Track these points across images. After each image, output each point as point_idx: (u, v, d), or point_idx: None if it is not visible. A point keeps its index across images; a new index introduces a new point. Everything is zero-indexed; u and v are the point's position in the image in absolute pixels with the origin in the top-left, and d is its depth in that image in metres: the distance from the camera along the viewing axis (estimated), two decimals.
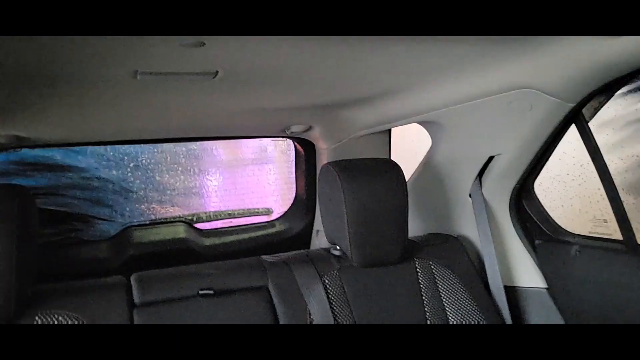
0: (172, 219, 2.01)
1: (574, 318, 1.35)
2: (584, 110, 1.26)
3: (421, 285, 1.37)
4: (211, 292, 1.23)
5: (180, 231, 1.93)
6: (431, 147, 1.69)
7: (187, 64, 1.07)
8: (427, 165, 1.73)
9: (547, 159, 1.40)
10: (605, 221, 1.33)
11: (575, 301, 1.31)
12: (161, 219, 2.02)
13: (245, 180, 2.33)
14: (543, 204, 1.49)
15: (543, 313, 1.41)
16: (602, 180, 1.25)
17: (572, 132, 1.32)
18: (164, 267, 1.31)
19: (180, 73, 1.12)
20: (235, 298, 1.25)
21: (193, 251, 1.88)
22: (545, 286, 1.40)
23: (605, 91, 1.18)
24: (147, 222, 1.99)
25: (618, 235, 1.25)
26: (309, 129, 1.80)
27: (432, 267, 1.40)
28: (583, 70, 1.08)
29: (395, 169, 1.39)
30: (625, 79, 1.13)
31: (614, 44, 0.97)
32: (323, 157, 1.92)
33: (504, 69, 1.21)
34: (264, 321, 1.24)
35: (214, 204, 2.19)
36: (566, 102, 1.18)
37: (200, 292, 1.22)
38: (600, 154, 1.25)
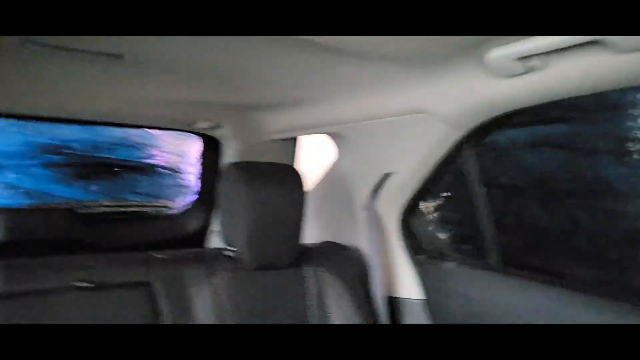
0: (54, 206, 1.84)
1: None
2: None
3: (307, 291, 1.40)
4: (90, 285, 1.15)
5: (62, 218, 1.78)
6: (335, 159, 1.75)
7: (89, 42, 1.01)
8: (329, 175, 1.78)
9: (436, 182, 1.51)
10: None
11: (446, 313, 1.42)
12: (41, 204, 1.84)
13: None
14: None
15: (417, 323, 1.51)
16: (478, 207, 1.38)
17: None
18: (39, 256, 1.20)
19: (77, 50, 1.05)
20: (115, 293, 1.18)
21: (77, 242, 1.75)
22: (424, 298, 1.50)
23: (493, 124, 1.28)
24: (24, 207, 1.80)
25: None
26: (216, 127, 1.77)
27: (321, 274, 1.43)
28: (473, 104, 1.18)
29: (296, 176, 1.41)
30: (513, 117, 1.24)
31: (501, 83, 1.06)
32: (229, 158, 1.89)
33: (406, 92, 1.29)
34: (145, 319, 1.19)
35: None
36: (456, 130, 1.29)
37: (77, 284, 1.14)
38: (482, 183, 1.38)
